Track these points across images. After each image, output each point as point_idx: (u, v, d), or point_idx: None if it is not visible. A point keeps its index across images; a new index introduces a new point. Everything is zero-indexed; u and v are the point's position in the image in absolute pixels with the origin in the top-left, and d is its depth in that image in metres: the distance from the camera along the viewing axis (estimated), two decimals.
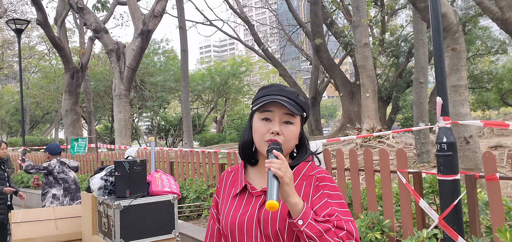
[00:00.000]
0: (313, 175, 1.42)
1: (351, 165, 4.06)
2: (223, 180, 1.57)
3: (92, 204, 4.08)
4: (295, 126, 1.40)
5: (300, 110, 1.41)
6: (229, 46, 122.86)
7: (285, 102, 1.36)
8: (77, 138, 11.52)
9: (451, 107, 4.89)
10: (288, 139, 1.39)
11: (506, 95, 22.49)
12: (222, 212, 1.48)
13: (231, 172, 1.57)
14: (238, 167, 1.56)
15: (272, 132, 1.37)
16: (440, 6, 3.49)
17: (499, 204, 2.95)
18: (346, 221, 1.30)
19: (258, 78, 34.53)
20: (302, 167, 1.45)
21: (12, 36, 25.38)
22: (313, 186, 1.40)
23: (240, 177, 1.50)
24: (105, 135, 30.56)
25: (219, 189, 1.57)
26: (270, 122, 1.39)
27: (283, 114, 1.38)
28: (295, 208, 1.26)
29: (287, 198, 1.26)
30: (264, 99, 1.40)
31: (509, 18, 8.56)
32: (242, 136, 1.51)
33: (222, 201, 1.51)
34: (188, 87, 13.71)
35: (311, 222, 1.25)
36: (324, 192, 1.38)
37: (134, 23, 13.24)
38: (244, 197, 1.45)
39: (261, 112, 1.41)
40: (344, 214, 1.33)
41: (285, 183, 1.24)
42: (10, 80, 39.29)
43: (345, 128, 15.99)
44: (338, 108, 54.86)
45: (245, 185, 1.46)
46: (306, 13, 28.59)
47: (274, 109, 1.39)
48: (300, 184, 1.41)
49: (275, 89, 1.42)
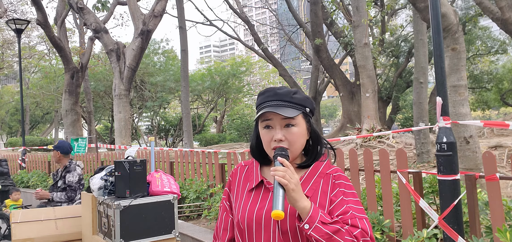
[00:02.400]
0: (330, 173, 1.44)
1: (351, 165, 4.06)
2: (237, 174, 1.56)
3: (92, 204, 4.08)
4: (297, 127, 1.40)
5: (300, 108, 1.41)
6: (229, 46, 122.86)
7: (279, 110, 1.37)
8: (77, 138, 11.52)
9: (451, 107, 4.89)
10: (292, 142, 1.40)
11: (506, 95, 22.49)
12: (237, 206, 1.47)
13: (245, 166, 1.57)
14: (253, 161, 1.56)
15: (275, 139, 1.39)
16: (440, 6, 3.49)
17: (499, 204, 2.95)
18: (361, 219, 1.32)
19: (258, 78, 34.52)
20: (319, 166, 1.46)
21: (12, 36, 25.35)
22: (330, 184, 1.42)
23: (256, 172, 1.50)
24: (105, 135, 30.55)
25: (232, 183, 1.56)
26: (272, 129, 1.40)
27: (281, 119, 1.39)
28: (303, 211, 1.27)
29: (295, 204, 1.28)
30: (260, 108, 1.42)
31: (509, 18, 8.56)
32: (250, 140, 1.54)
33: (237, 195, 1.51)
34: (188, 87, 13.70)
35: (318, 225, 1.26)
36: (340, 190, 1.40)
37: (134, 23, 13.24)
38: (260, 191, 1.45)
39: (262, 121, 1.42)
40: (359, 212, 1.34)
41: (290, 189, 1.26)
42: (10, 80, 39.28)
43: (345, 128, 15.99)
44: (338, 108, 54.87)
45: (261, 180, 1.46)
46: (306, 13, 28.58)
47: (272, 116, 1.40)
48: (318, 182, 1.42)
49: (270, 95, 1.42)
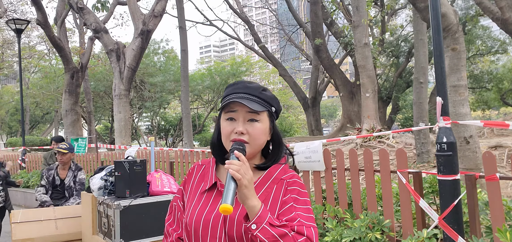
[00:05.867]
0: (285, 179, 1.40)
1: (351, 165, 4.06)
2: (193, 173, 1.52)
3: (92, 204, 4.08)
4: (261, 123, 1.37)
5: (266, 106, 1.39)
6: (229, 46, 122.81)
7: (246, 102, 1.34)
8: (77, 138, 11.51)
9: (451, 107, 4.89)
10: (254, 137, 1.36)
11: (506, 95, 22.48)
12: (188, 207, 1.43)
13: (202, 166, 1.53)
14: (210, 161, 1.52)
15: (236, 131, 1.35)
16: (440, 6, 3.49)
17: (499, 204, 2.95)
18: (308, 227, 1.29)
19: (258, 78, 34.52)
20: (274, 170, 1.42)
21: (12, 36, 25.36)
22: (283, 190, 1.38)
23: (211, 173, 1.46)
24: (105, 135, 30.55)
25: (187, 182, 1.52)
26: (235, 121, 1.37)
27: (247, 112, 1.36)
28: (252, 211, 1.23)
29: (245, 201, 1.23)
30: (227, 99, 1.38)
31: (509, 18, 8.56)
32: (212, 135, 1.49)
33: (190, 195, 1.47)
34: (188, 87, 13.70)
35: (266, 226, 1.22)
36: (292, 196, 1.36)
37: (134, 23, 13.24)
38: (213, 194, 1.41)
39: (226, 112, 1.39)
40: (307, 220, 1.31)
41: (243, 185, 1.22)
42: (10, 80, 39.29)
43: (345, 128, 15.99)
44: (338, 108, 54.83)
45: (215, 182, 1.43)
46: (306, 13, 28.58)
47: (238, 108, 1.36)
48: (271, 187, 1.39)
49: (239, 87, 1.40)
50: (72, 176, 5.53)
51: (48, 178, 5.53)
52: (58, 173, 5.57)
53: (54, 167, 5.61)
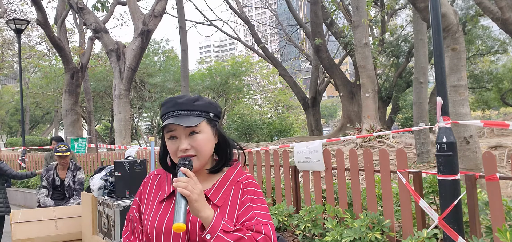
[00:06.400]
0: (241, 181, 1.45)
1: (351, 165, 4.06)
2: (148, 184, 1.54)
3: (92, 204, 4.08)
4: (202, 134, 1.39)
5: (203, 115, 1.41)
6: (229, 46, 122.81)
7: (180, 121, 1.35)
8: (77, 138, 11.51)
9: (451, 107, 4.89)
10: (199, 149, 1.38)
11: (506, 95, 22.48)
12: (147, 216, 1.45)
13: (158, 176, 1.55)
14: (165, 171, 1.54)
15: (180, 149, 1.37)
16: (440, 6, 3.49)
17: (499, 204, 2.95)
18: (265, 224, 1.34)
19: (258, 78, 34.51)
20: (230, 173, 1.47)
21: (12, 36, 25.37)
22: (240, 192, 1.43)
23: (168, 182, 1.48)
24: (105, 135, 30.56)
25: (142, 192, 1.54)
26: (177, 139, 1.39)
27: (184, 128, 1.37)
28: (206, 221, 1.27)
29: (198, 214, 1.27)
30: (163, 119, 1.41)
31: (509, 18, 8.57)
32: (159, 150, 1.52)
33: (146, 205, 1.49)
34: (188, 87, 13.68)
35: (220, 234, 1.25)
36: (248, 197, 1.41)
37: (134, 23, 13.24)
38: (172, 202, 1.43)
39: (166, 132, 1.41)
40: (264, 218, 1.37)
41: (193, 200, 1.25)
42: (10, 80, 39.29)
43: (345, 128, 15.99)
44: (338, 108, 54.83)
45: (173, 190, 1.44)
46: (306, 13, 28.58)
47: (175, 127, 1.38)
48: (228, 190, 1.43)
49: (170, 106, 1.41)
50: (72, 176, 5.53)
51: (48, 179, 5.52)
52: (57, 173, 5.56)
53: (53, 167, 5.59)
